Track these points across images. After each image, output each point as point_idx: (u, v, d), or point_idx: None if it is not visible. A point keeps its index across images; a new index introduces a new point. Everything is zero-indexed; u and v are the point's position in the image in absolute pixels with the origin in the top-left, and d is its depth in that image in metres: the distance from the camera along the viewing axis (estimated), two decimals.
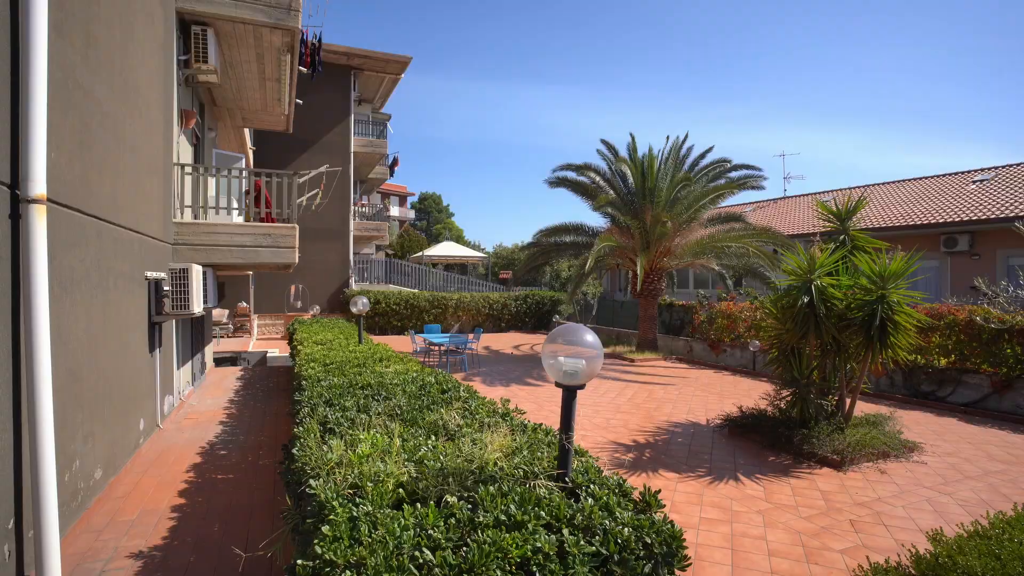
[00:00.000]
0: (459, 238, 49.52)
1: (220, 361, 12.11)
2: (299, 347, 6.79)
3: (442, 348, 12.07)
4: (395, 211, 53.83)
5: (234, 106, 10.29)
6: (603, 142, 13.49)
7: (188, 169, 6.94)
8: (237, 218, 8.62)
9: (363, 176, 23.73)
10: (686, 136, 13.32)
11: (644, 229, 12.93)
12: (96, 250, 3.99)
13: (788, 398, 6.91)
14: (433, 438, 2.62)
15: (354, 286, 19.52)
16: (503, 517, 1.83)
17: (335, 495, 1.94)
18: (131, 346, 4.94)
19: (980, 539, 3.40)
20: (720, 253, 13.13)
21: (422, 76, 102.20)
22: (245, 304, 15.97)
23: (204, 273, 6.85)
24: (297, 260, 7.36)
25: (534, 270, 15.08)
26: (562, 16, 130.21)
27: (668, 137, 13.33)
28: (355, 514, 1.82)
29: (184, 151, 7.48)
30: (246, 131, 13.20)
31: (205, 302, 6.81)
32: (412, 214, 56.11)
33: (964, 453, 6.63)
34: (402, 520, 1.80)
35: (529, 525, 1.79)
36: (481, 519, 1.81)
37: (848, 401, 6.86)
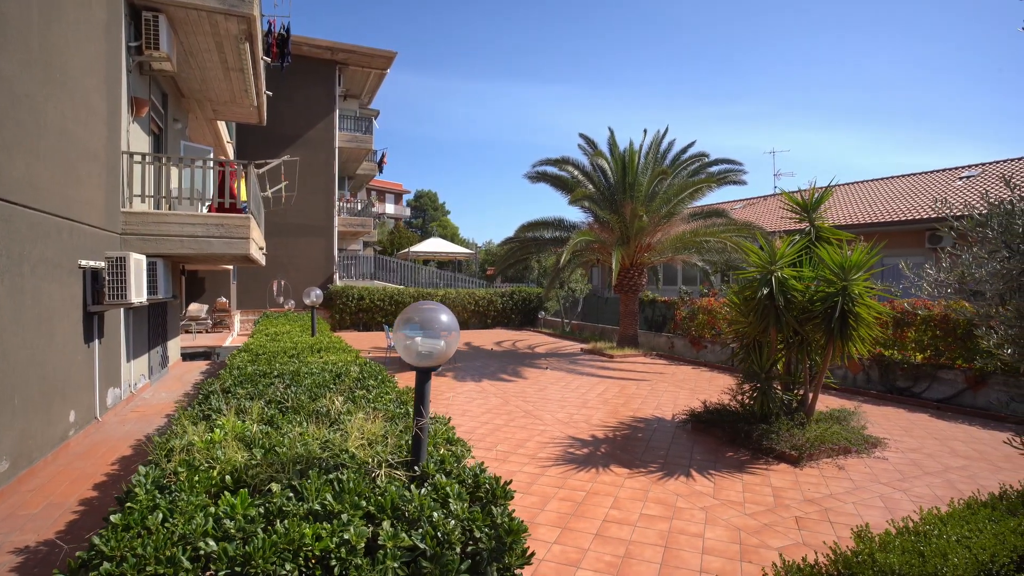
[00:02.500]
0: (454, 236, 49.37)
1: (193, 356, 11.98)
2: (250, 338, 6.67)
3: None
4: (390, 208, 53.70)
5: (202, 97, 10.14)
6: (582, 136, 13.34)
7: (137, 158, 6.80)
8: (203, 210, 8.47)
9: (351, 172, 23.59)
10: (666, 130, 13.16)
11: (624, 224, 12.78)
12: (2, 234, 3.85)
13: (749, 392, 6.75)
14: (304, 424, 2.48)
15: (339, 282, 19.39)
16: (317, 507, 1.68)
17: (148, 482, 1.80)
18: (58, 336, 4.80)
19: (908, 535, 3.27)
20: (701, 248, 12.98)
21: (422, 75, 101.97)
22: (224, 299, 15.83)
23: (154, 263, 6.71)
24: (251, 251, 7.21)
25: (515, 265, 14.92)
26: (562, 15, 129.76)
27: (645, 131, 13.12)
28: (158, 502, 1.68)
29: (137, 140, 7.33)
30: (222, 125, 13.07)
31: (154, 293, 6.67)
32: (408, 212, 55.96)
33: (928, 449, 6.47)
34: (212, 509, 1.66)
35: (344, 516, 1.64)
36: (291, 508, 1.67)
37: (811, 396, 6.71)
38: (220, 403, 2.83)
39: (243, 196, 7.40)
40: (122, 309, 6.56)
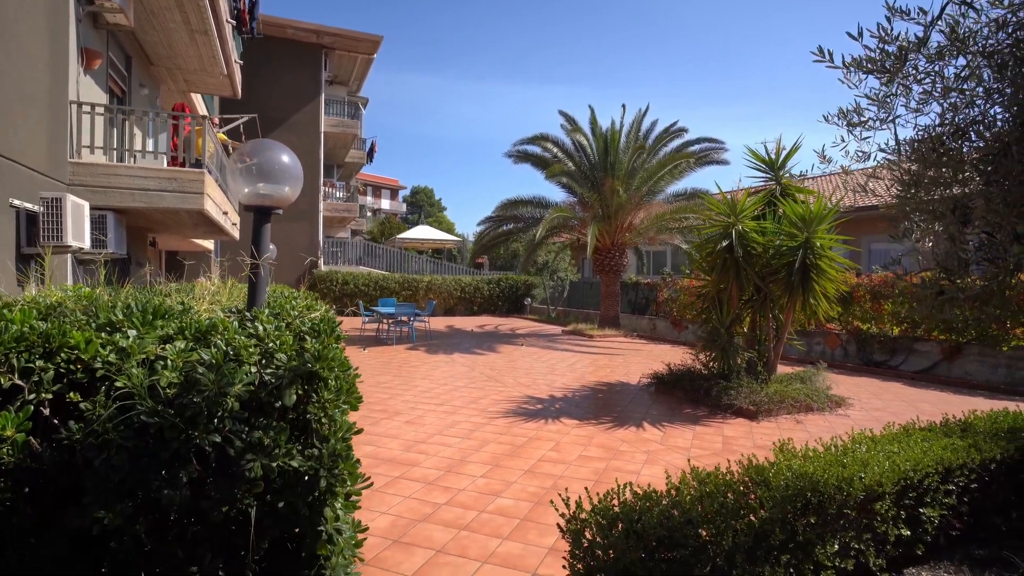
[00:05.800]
0: (449, 231, 49.25)
1: None
2: None
3: (391, 321, 11.79)
4: (386, 204, 53.64)
5: (172, 65, 10.01)
6: (561, 113, 13.19)
7: (87, 108, 6.65)
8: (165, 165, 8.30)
9: (339, 160, 23.46)
10: (647, 109, 13.02)
11: (604, 201, 12.63)
12: None
13: (708, 350, 6.59)
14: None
15: (323, 267, 19.25)
16: (104, 321, 1.54)
17: None
18: None
19: (836, 451, 3.14)
20: (683, 228, 12.82)
21: (424, 74, 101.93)
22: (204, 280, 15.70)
23: (104, 216, 6.56)
24: (206, 206, 7.05)
25: (494, 245, 14.74)
26: (564, 16, 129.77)
27: (624, 107, 12.97)
28: None
29: (91, 94, 7.18)
30: (199, 100, 12.94)
31: (103, 246, 6.52)
32: (404, 207, 55.87)
33: (893, 408, 6.31)
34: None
35: (129, 332, 1.50)
36: (71, 319, 1.53)
37: (773, 355, 6.55)
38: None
39: (199, 151, 7.25)
40: (69, 260, 6.42)
